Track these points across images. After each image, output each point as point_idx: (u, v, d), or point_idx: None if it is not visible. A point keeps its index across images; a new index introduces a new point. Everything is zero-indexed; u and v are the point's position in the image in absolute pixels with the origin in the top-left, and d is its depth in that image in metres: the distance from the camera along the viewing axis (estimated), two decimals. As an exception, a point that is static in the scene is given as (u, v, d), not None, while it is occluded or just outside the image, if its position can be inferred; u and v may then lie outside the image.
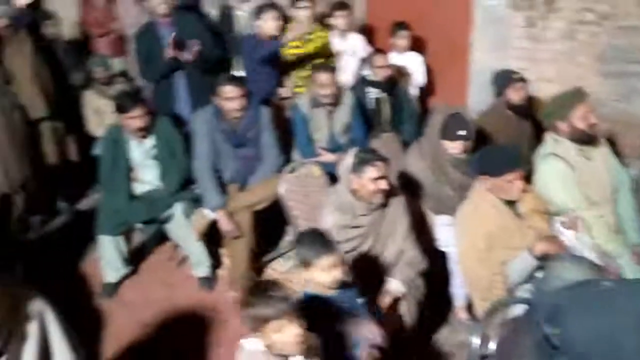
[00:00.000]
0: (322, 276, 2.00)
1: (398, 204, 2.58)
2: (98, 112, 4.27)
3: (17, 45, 3.74)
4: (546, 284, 1.75)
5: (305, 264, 2.03)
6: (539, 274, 2.32)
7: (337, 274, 2.01)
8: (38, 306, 1.72)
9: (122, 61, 4.80)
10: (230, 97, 3.14)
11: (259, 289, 1.74)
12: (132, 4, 4.62)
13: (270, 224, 3.46)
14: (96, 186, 4.07)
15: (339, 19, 4.16)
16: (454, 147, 2.82)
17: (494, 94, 3.74)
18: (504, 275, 2.43)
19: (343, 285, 2.07)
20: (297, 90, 3.95)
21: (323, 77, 3.38)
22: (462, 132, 2.81)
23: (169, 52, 3.56)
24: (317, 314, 1.90)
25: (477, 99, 4.22)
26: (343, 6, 4.23)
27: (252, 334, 1.76)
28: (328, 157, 3.48)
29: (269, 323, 1.66)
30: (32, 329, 1.69)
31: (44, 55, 3.93)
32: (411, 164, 3.01)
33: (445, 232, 2.89)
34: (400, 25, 4.30)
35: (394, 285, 2.47)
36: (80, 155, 4.26)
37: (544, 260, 2.28)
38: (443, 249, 2.97)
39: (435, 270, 2.79)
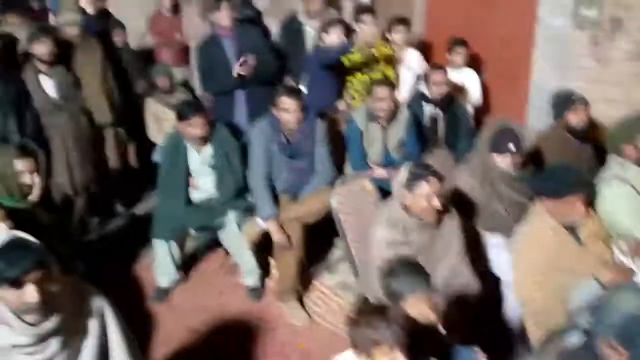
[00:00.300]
0: (412, 311, 1.92)
1: (452, 223, 2.54)
2: (159, 119, 4.41)
3: (88, 52, 3.93)
4: (606, 315, 1.67)
5: (396, 296, 1.94)
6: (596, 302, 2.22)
7: (429, 313, 1.92)
8: (99, 303, 1.79)
9: (184, 71, 4.96)
10: (288, 109, 3.18)
11: (371, 311, 1.73)
12: (197, 16, 4.77)
13: (320, 236, 3.47)
14: (153, 191, 4.21)
15: (397, 34, 4.18)
16: (504, 161, 2.79)
17: (553, 115, 3.64)
18: (562, 302, 2.34)
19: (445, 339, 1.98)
20: (353, 103, 3.98)
21: (381, 91, 3.38)
22: (512, 146, 2.75)
23: (235, 71, 3.65)
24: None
25: (537, 119, 4.11)
26: (402, 21, 4.24)
27: (353, 350, 1.74)
28: (381, 172, 3.47)
29: (379, 346, 1.64)
30: (93, 325, 1.76)
31: (112, 62, 4.11)
32: (461, 178, 2.97)
33: (498, 253, 2.82)
34: (457, 42, 4.26)
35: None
36: (139, 161, 4.42)
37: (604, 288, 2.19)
38: (496, 272, 2.90)
39: (487, 294, 2.72)
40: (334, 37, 3.92)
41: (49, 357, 1.65)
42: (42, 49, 3.57)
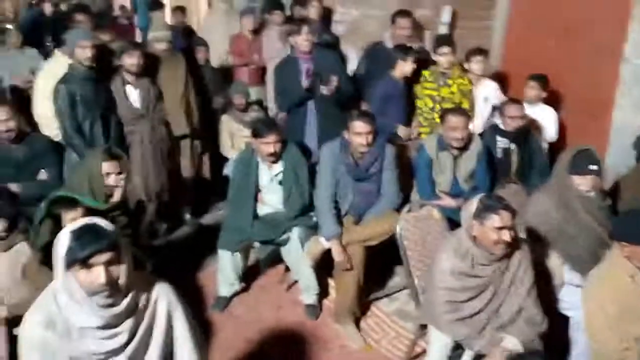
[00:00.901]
0: None
1: (523, 258, 2.45)
2: (232, 135, 4.56)
3: (172, 67, 4.14)
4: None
5: None
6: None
7: None
8: (167, 293, 1.85)
9: (259, 90, 5.12)
10: (359, 133, 3.22)
11: None
12: (277, 39, 4.93)
13: (381, 261, 3.44)
14: (221, 204, 4.34)
15: (474, 64, 4.17)
16: (583, 183, 2.71)
17: (636, 157, 3.49)
18: (638, 352, 2.20)
19: None
20: (421, 130, 3.97)
21: (455, 120, 3.36)
22: (593, 167, 2.67)
23: (305, 83, 3.74)
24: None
25: (617, 160, 3.93)
26: (480, 52, 4.23)
27: None
28: (449, 201, 3.42)
29: None
30: (161, 313, 1.82)
31: (194, 78, 4.32)
32: (536, 202, 2.89)
33: (571, 293, 2.70)
34: (534, 77, 4.17)
35: (512, 344, 2.33)
36: (211, 174, 4.57)
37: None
38: (565, 312, 2.77)
39: (555, 335, 2.60)
40: (408, 68, 3.97)
41: (120, 344, 1.71)
42: (130, 60, 3.79)
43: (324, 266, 3.38)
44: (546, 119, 4.17)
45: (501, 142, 3.68)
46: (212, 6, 6.58)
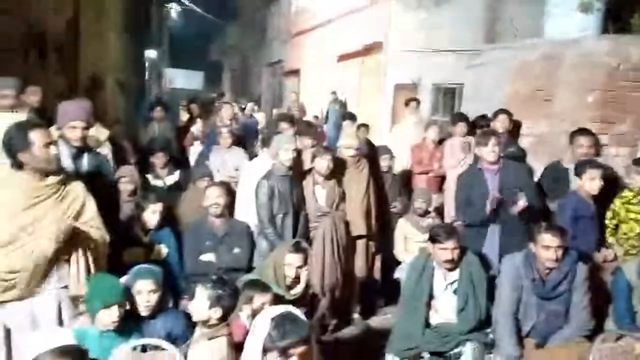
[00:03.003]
0: None
1: None
2: (407, 239, 4.61)
3: (357, 171, 4.42)
4: None
5: None
6: None
7: None
8: None
9: (437, 198, 5.16)
10: (548, 246, 3.05)
11: None
12: (459, 149, 5.02)
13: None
14: (388, 308, 4.32)
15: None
16: None
17: None
18: None
19: None
20: (624, 257, 3.61)
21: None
22: None
23: (489, 207, 3.69)
24: None
25: None
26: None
27: None
28: (653, 336, 2.99)
29: None
30: None
31: (375, 183, 4.53)
32: None
33: None
34: None
35: None
36: (382, 275, 4.61)
37: None
38: None
39: None
40: (595, 184, 3.76)
41: None
42: (322, 163, 4.15)
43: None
44: None
45: None
46: (403, 118, 7.02)
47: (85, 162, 3.29)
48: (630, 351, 2.72)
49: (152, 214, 3.66)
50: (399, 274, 4.45)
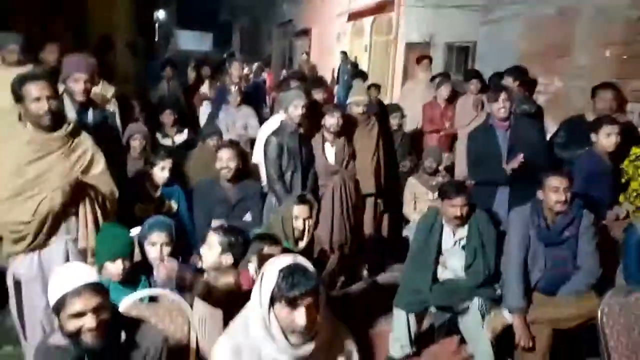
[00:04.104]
0: None
1: None
2: (416, 198, 4.59)
3: (367, 129, 4.38)
4: None
5: None
6: None
7: None
8: (349, 343, 1.87)
9: (449, 157, 5.11)
10: (556, 188, 3.03)
11: None
12: (471, 107, 4.93)
13: (570, 350, 3.07)
14: (396, 265, 4.33)
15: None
16: None
17: None
18: None
19: None
20: (635, 213, 3.55)
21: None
22: None
23: (508, 168, 3.63)
24: None
25: None
26: None
27: None
28: (663, 291, 2.96)
29: None
30: (341, 354, 1.83)
31: (385, 141, 4.49)
32: None
33: None
34: None
35: None
36: (390, 233, 4.61)
37: None
38: None
39: None
40: (610, 140, 3.65)
41: None
42: (331, 120, 4.10)
43: (504, 344, 3.13)
44: None
45: None
46: (414, 77, 6.90)
47: (90, 117, 3.28)
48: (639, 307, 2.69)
49: (161, 170, 3.66)
50: (408, 232, 4.45)
